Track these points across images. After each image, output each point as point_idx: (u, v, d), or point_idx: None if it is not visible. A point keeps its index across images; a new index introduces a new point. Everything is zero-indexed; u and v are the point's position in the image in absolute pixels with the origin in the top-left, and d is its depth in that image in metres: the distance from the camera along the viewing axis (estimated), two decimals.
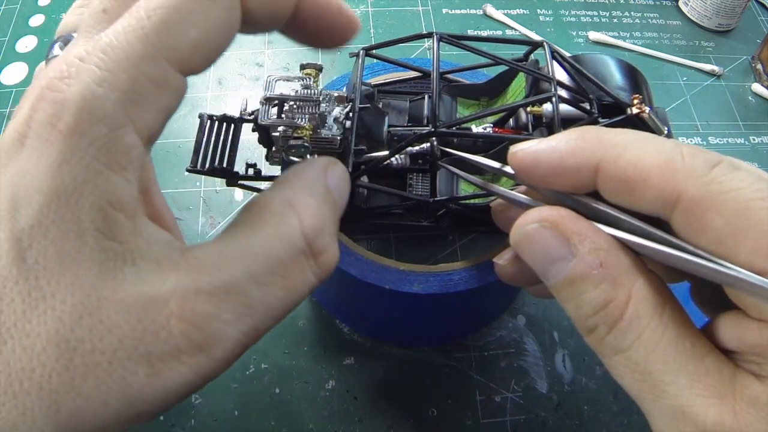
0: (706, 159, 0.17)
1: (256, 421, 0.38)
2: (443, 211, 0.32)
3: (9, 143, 0.17)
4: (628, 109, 0.29)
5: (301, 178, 0.21)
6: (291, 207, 0.19)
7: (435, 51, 0.29)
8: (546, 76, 0.29)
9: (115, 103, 0.16)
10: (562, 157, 0.19)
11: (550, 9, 0.63)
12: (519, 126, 0.33)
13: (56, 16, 0.59)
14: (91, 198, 0.16)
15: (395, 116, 0.34)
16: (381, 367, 0.40)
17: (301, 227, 0.19)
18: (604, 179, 0.19)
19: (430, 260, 0.34)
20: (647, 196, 0.18)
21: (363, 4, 0.61)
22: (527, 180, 0.21)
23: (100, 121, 0.16)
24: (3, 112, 0.52)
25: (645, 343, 0.18)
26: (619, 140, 0.19)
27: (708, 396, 0.17)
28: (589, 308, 0.19)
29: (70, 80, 0.16)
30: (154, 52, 0.17)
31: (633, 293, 0.18)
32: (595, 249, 0.19)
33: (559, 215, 0.19)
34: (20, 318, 0.15)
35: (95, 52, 0.17)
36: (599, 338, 0.19)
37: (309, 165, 0.22)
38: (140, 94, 0.17)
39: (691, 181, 0.17)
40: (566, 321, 0.42)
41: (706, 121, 0.55)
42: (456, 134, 0.30)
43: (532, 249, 0.20)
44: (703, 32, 0.62)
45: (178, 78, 0.18)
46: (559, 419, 0.38)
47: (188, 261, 0.17)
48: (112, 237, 0.16)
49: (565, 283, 0.19)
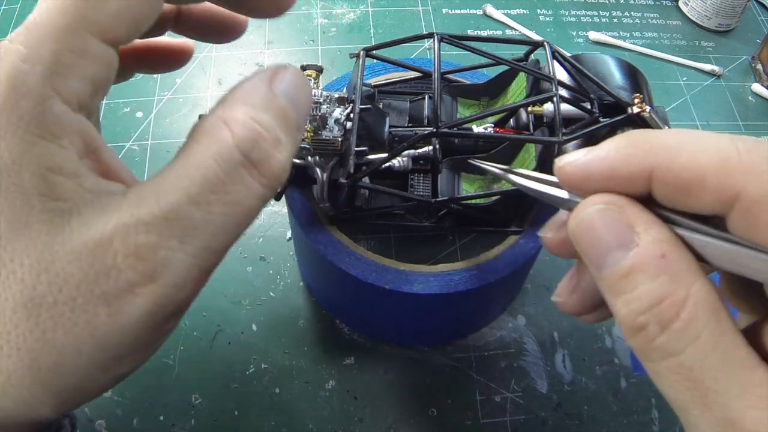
0: (764, 154, 0.17)
1: (256, 421, 0.38)
2: (444, 211, 0.32)
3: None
4: (629, 108, 0.29)
5: (239, 91, 0.20)
6: (224, 123, 0.19)
7: (436, 51, 0.29)
8: (547, 75, 0.29)
9: (39, 77, 0.17)
10: (613, 166, 0.19)
11: (550, 9, 0.63)
12: (520, 126, 0.33)
13: None
14: (30, 167, 0.17)
15: (396, 117, 0.34)
16: (381, 367, 0.40)
17: (234, 140, 0.18)
18: (658, 185, 0.18)
19: (430, 260, 0.34)
20: (705, 197, 0.17)
21: (363, 4, 0.61)
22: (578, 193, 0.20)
23: (26, 95, 0.17)
24: None
25: (701, 347, 0.17)
26: (671, 142, 0.18)
27: (760, 408, 0.16)
28: (642, 303, 0.17)
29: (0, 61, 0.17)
30: (74, 24, 0.18)
31: (692, 292, 0.17)
32: (659, 240, 0.18)
33: (626, 201, 0.19)
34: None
35: (21, 32, 0.18)
36: (648, 339, 0.18)
37: (251, 76, 0.21)
38: (63, 66, 0.17)
39: (750, 178, 0.16)
40: (566, 321, 0.42)
41: (706, 121, 0.55)
42: (457, 134, 0.30)
43: (592, 234, 0.19)
44: (703, 32, 0.62)
45: (102, 48, 0.18)
46: (559, 419, 0.38)
47: (128, 199, 0.17)
48: (57, 197, 0.17)
49: (620, 273, 0.18)
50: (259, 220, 0.46)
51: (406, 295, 0.32)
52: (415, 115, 0.34)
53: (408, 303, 0.33)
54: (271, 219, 0.46)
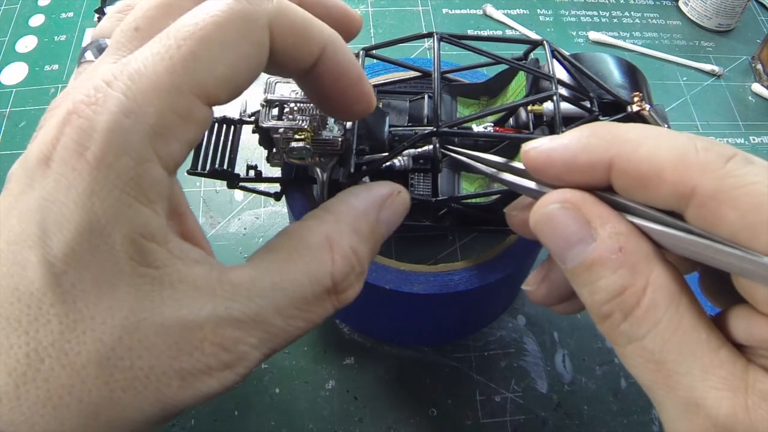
0: (720, 152, 0.17)
1: (256, 421, 0.38)
2: (444, 210, 0.32)
3: (34, 163, 0.17)
4: (629, 106, 0.29)
5: (350, 212, 0.22)
6: (328, 246, 0.20)
7: (435, 51, 0.29)
8: (546, 74, 0.29)
9: (141, 136, 0.16)
10: (575, 154, 0.19)
11: (550, 9, 0.63)
12: (519, 125, 0.32)
13: (56, 16, 0.59)
14: (122, 231, 0.16)
15: (395, 116, 0.34)
16: (381, 367, 0.40)
17: (332, 269, 0.20)
18: (617, 175, 0.19)
19: (430, 260, 0.33)
20: (662, 191, 0.18)
21: (363, 4, 0.61)
22: (541, 178, 0.21)
23: (127, 153, 0.16)
24: (3, 112, 0.52)
25: (661, 332, 0.18)
26: (632, 136, 0.19)
27: (721, 389, 0.17)
28: (605, 294, 0.18)
29: (97, 107, 0.16)
30: (182, 85, 0.17)
31: (651, 281, 0.18)
32: (615, 233, 0.18)
33: (582, 197, 0.19)
34: (58, 338, 0.16)
35: (123, 78, 0.17)
36: (614, 326, 0.19)
37: (365, 195, 0.22)
38: (166, 128, 0.17)
39: (706, 175, 0.17)
40: (566, 321, 0.42)
41: (706, 121, 0.55)
42: (457, 134, 0.30)
43: (552, 230, 0.20)
44: (703, 32, 0.62)
45: (204, 110, 0.18)
46: (559, 419, 0.38)
47: (223, 287, 0.18)
48: (147, 264, 0.17)
49: (583, 266, 0.19)
50: (260, 220, 0.46)
51: (406, 295, 0.32)
52: (415, 115, 0.34)
53: (408, 303, 0.33)
54: (271, 219, 0.46)
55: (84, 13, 0.60)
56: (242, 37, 0.18)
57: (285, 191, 0.34)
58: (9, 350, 0.16)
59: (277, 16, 0.19)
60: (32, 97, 0.53)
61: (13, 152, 0.50)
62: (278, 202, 0.46)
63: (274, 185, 0.33)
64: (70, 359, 0.16)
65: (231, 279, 0.18)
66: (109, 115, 0.16)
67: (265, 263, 0.19)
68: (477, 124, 0.33)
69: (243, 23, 0.18)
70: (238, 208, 0.47)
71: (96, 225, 0.16)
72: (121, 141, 0.16)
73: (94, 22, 0.58)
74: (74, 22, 0.59)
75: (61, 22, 0.59)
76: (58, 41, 0.57)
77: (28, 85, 0.54)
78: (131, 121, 0.16)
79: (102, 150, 0.16)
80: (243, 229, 0.46)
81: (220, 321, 0.17)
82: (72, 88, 0.19)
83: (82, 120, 0.16)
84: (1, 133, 0.51)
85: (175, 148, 0.17)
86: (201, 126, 0.18)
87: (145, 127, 0.16)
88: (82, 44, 0.21)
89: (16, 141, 0.50)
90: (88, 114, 0.16)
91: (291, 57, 0.20)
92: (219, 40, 0.17)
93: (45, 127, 0.18)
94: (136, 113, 0.16)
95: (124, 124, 0.16)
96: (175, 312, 0.17)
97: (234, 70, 0.18)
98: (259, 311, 0.18)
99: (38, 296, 0.16)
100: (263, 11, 0.18)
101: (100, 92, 0.17)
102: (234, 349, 0.18)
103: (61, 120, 0.17)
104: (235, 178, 0.30)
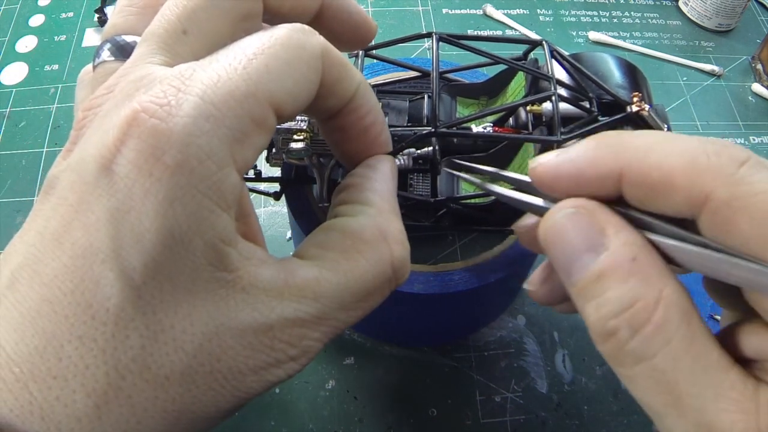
0: (733, 156, 0.17)
1: (256, 421, 0.38)
2: (444, 210, 0.32)
3: (95, 169, 0.16)
4: (628, 107, 0.29)
5: (384, 196, 0.22)
6: (384, 238, 0.21)
7: (434, 51, 0.29)
8: (545, 74, 0.29)
9: (222, 141, 0.16)
10: (582, 168, 0.19)
11: (550, 9, 0.63)
12: (519, 125, 0.32)
13: (56, 16, 0.59)
14: (204, 237, 0.16)
15: (395, 116, 0.34)
16: (381, 367, 0.40)
17: (392, 259, 0.20)
18: (629, 186, 0.18)
19: (430, 260, 0.33)
20: (674, 199, 0.17)
21: (363, 4, 0.61)
22: (550, 193, 0.20)
23: (209, 158, 0.16)
24: (3, 112, 0.52)
25: (673, 351, 0.17)
26: (640, 143, 0.18)
27: (733, 411, 0.16)
28: (614, 306, 0.17)
29: (171, 108, 0.16)
30: (258, 93, 0.17)
31: (664, 295, 0.17)
32: (630, 243, 0.18)
33: (596, 205, 0.19)
34: (139, 353, 0.16)
35: (196, 83, 0.16)
36: (620, 344, 0.17)
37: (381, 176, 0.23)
38: (244, 133, 0.17)
39: (719, 181, 0.16)
40: (566, 321, 0.42)
41: (706, 121, 0.55)
42: (456, 134, 0.30)
43: (562, 238, 0.19)
44: (703, 32, 0.62)
45: (274, 120, 0.18)
46: (559, 419, 0.38)
47: (290, 290, 0.18)
48: (223, 268, 0.17)
49: (591, 277, 0.18)
50: (260, 220, 0.46)
51: (405, 295, 0.32)
52: (414, 115, 0.34)
53: (408, 303, 0.33)
54: (271, 219, 0.46)
55: (84, 13, 0.60)
56: (303, 60, 0.18)
57: (284, 191, 0.34)
58: (85, 371, 0.15)
59: (325, 50, 0.19)
60: (32, 97, 0.53)
61: (13, 152, 0.50)
62: (278, 202, 0.46)
63: (274, 185, 0.33)
64: (153, 372, 0.16)
65: (297, 281, 0.18)
66: (188, 118, 0.16)
67: (327, 263, 0.19)
68: (476, 124, 0.33)
69: (303, 49, 0.18)
70: None
71: (178, 233, 0.16)
72: (203, 145, 0.16)
73: (95, 22, 0.58)
74: (74, 22, 0.59)
75: (61, 22, 0.59)
76: (58, 41, 0.57)
77: (28, 85, 0.54)
78: (211, 125, 0.16)
79: (183, 154, 0.15)
80: None
81: (288, 322, 0.18)
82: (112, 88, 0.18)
83: (157, 121, 0.16)
84: (1, 133, 0.51)
85: (249, 154, 0.17)
86: (270, 134, 0.18)
87: (226, 132, 0.16)
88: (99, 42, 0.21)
89: (16, 141, 0.50)
90: (162, 115, 0.16)
91: (334, 89, 0.20)
92: (286, 59, 0.18)
93: (97, 128, 0.17)
94: (215, 117, 0.16)
95: (204, 127, 0.16)
96: (249, 315, 0.17)
97: (299, 87, 0.18)
98: (325, 310, 0.19)
99: (116, 312, 0.15)
100: (317, 43, 0.19)
101: (172, 94, 0.16)
102: (299, 344, 0.18)
103: (125, 121, 0.16)
104: None
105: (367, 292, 0.20)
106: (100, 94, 0.18)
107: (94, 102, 0.18)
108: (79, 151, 0.17)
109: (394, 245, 0.21)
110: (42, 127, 0.51)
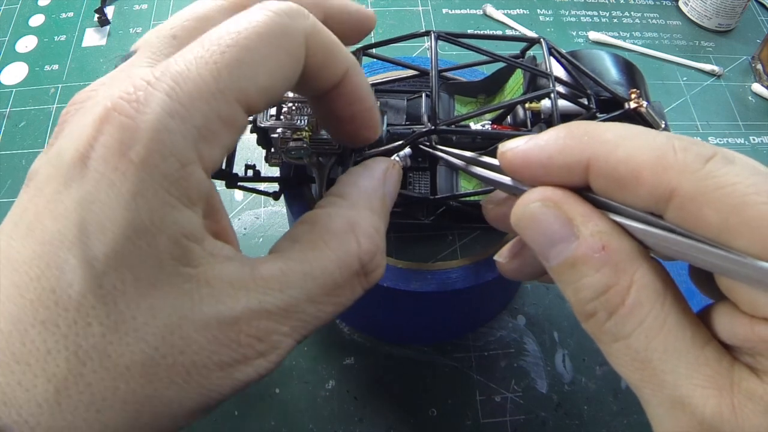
0: (699, 153, 0.17)
1: (256, 421, 0.37)
2: (443, 208, 0.32)
3: (70, 163, 0.16)
4: (626, 103, 0.29)
5: (361, 191, 0.22)
6: (351, 230, 0.20)
7: (433, 49, 0.29)
8: (544, 72, 0.29)
9: (186, 138, 0.16)
10: (551, 155, 0.19)
11: (550, 9, 0.63)
12: (517, 123, 0.32)
13: (56, 16, 0.59)
14: (167, 232, 0.16)
15: (393, 115, 0.34)
16: (381, 367, 0.40)
17: (359, 252, 0.20)
18: (595, 177, 0.18)
19: (430, 259, 0.33)
20: (640, 192, 0.18)
21: (363, 3, 0.61)
22: (518, 179, 0.21)
23: (173, 155, 0.16)
24: (3, 112, 0.52)
25: (646, 330, 0.17)
26: (609, 136, 0.18)
27: (707, 387, 0.17)
28: (589, 293, 0.18)
29: (139, 105, 0.16)
30: (226, 91, 0.17)
31: (635, 279, 0.18)
32: (598, 232, 0.18)
33: (563, 195, 0.19)
34: (100, 341, 0.16)
35: (165, 79, 0.17)
36: (598, 324, 0.19)
37: (368, 174, 0.23)
38: (210, 131, 0.17)
39: (685, 176, 0.17)
40: (566, 321, 0.42)
41: (706, 121, 0.55)
42: (455, 132, 0.30)
43: (533, 229, 0.19)
44: (703, 32, 0.62)
45: (244, 117, 0.18)
46: (559, 419, 0.38)
47: (256, 282, 0.18)
48: (187, 263, 0.17)
49: (565, 265, 0.19)
50: (260, 220, 0.46)
51: (404, 294, 0.32)
52: (412, 113, 0.34)
53: (406, 301, 0.33)
54: (271, 219, 0.46)
55: (84, 13, 0.60)
56: (282, 48, 0.18)
57: (283, 191, 0.33)
58: (47, 356, 0.15)
59: (311, 34, 0.19)
60: (32, 97, 0.53)
61: (13, 152, 0.50)
62: (277, 202, 0.46)
63: (273, 185, 0.33)
64: (113, 361, 0.16)
65: (262, 273, 0.18)
66: (154, 115, 0.16)
67: (293, 254, 0.19)
68: (475, 122, 0.33)
69: (283, 36, 0.18)
70: (238, 208, 0.47)
71: (140, 226, 0.16)
72: (167, 141, 0.16)
73: (95, 22, 0.59)
74: (74, 22, 0.59)
75: (61, 22, 0.59)
76: (58, 41, 0.57)
77: (28, 85, 0.54)
78: (176, 122, 0.16)
79: (147, 149, 0.16)
80: (243, 229, 0.46)
81: (254, 314, 0.18)
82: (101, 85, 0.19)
83: (124, 118, 0.16)
84: (1, 133, 0.51)
85: (216, 153, 0.17)
86: (239, 132, 0.18)
87: (191, 130, 0.16)
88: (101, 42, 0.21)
89: (16, 141, 0.51)
90: (131, 112, 0.16)
91: (319, 75, 0.20)
92: (261, 49, 0.18)
93: (75, 123, 0.17)
94: (181, 115, 0.16)
95: (170, 125, 0.16)
96: (213, 308, 0.17)
97: (273, 79, 0.18)
98: (291, 302, 0.19)
99: (77, 299, 0.15)
100: (301, 26, 0.19)
101: (141, 91, 0.16)
102: (268, 339, 0.18)
103: (98, 117, 0.16)
104: (234, 177, 0.30)
105: (335, 284, 0.20)
106: (87, 89, 0.19)
107: (80, 97, 0.19)
108: (58, 146, 0.17)
109: (362, 238, 0.20)
110: (42, 127, 0.52)
